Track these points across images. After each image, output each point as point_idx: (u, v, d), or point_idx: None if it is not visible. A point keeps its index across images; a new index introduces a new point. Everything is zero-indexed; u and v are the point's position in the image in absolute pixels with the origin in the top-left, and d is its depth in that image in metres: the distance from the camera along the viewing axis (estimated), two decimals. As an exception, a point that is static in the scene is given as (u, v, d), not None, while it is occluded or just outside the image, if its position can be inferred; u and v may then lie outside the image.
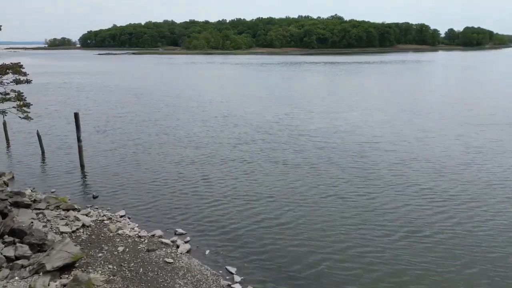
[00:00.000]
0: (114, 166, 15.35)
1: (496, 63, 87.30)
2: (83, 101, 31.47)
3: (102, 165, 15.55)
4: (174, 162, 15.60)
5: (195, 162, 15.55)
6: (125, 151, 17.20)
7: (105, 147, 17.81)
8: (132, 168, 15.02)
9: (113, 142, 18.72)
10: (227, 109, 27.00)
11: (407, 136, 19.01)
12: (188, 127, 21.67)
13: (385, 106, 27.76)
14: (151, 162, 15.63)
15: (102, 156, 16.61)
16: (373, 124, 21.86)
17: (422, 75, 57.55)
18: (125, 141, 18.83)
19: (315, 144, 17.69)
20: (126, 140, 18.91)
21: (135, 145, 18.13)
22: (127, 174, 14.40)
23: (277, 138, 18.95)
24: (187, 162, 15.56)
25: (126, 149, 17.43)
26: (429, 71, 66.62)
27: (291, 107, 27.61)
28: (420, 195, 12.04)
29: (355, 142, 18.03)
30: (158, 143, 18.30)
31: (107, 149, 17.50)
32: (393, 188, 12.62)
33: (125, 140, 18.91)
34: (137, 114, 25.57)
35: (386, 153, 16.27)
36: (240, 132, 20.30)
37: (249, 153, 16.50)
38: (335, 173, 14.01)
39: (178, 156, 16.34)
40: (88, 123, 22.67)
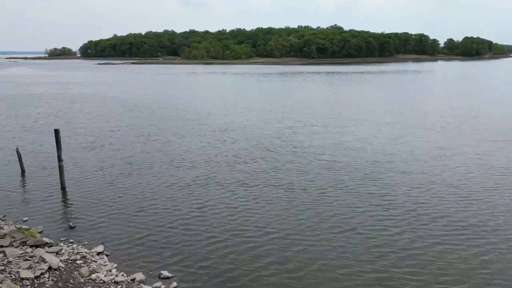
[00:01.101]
0: (98, 189, 13.71)
1: (498, 73, 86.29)
2: (75, 114, 29.98)
3: (85, 188, 13.91)
4: (165, 185, 13.95)
5: (189, 185, 13.90)
6: (113, 171, 15.57)
7: (92, 167, 16.20)
8: (117, 192, 13.37)
9: (102, 160, 17.10)
10: (225, 123, 25.48)
11: (422, 154, 17.40)
12: (183, 143, 20.09)
13: (393, 119, 26.24)
14: (140, 185, 13.99)
15: (87, 177, 14.99)
16: (383, 140, 20.28)
17: (427, 86, 56.27)
18: (114, 159, 17.23)
19: (322, 164, 16.06)
20: (116, 159, 17.30)
21: (125, 164, 16.51)
22: (112, 200, 12.75)
23: (280, 156, 17.34)
24: (179, 185, 13.91)
25: (114, 169, 15.81)
26: (432, 81, 65.42)
27: (293, 121, 26.10)
28: (449, 229, 10.34)
29: (365, 161, 16.41)
30: (149, 162, 16.68)
31: (94, 169, 15.88)
32: (416, 220, 10.93)
33: (115, 159, 17.31)
34: (130, 128, 24.03)
35: (402, 175, 14.63)
36: (239, 149, 18.70)
37: (249, 175, 14.86)
38: (347, 200, 12.34)
39: (170, 178, 14.71)
40: (76, 139, 21.12)
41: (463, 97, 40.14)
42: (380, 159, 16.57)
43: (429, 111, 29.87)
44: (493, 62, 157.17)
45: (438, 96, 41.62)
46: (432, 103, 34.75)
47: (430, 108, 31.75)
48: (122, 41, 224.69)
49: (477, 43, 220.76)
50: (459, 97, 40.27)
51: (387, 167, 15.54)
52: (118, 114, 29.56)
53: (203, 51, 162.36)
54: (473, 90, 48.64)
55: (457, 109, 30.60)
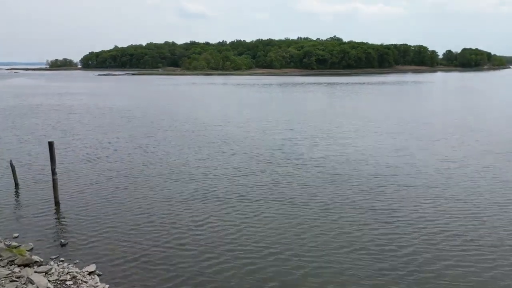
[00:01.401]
0: (93, 204, 13.22)
1: (499, 84, 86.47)
2: (72, 125, 29.62)
3: (80, 203, 13.42)
4: (162, 200, 13.46)
5: (186, 200, 13.41)
6: (109, 185, 15.09)
7: (88, 180, 15.72)
8: (113, 207, 12.87)
9: (99, 173, 16.63)
10: (225, 134, 25.10)
11: (427, 167, 16.94)
12: (182, 155, 19.65)
13: (395, 131, 25.86)
14: (136, 200, 13.50)
15: (83, 191, 14.50)
16: (386, 152, 19.85)
17: (428, 97, 56.19)
18: (111, 172, 16.77)
19: (324, 177, 15.58)
20: (112, 172, 16.84)
21: (122, 177, 16.04)
22: (106, 215, 12.25)
23: (280, 169, 16.88)
24: (177, 200, 13.42)
25: (110, 183, 15.33)
26: (433, 92, 65.39)
27: (294, 132, 25.71)
28: (461, 249, 9.80)
29: (369, 174, 15.94)
30: (146, 176, 16.20)
31: (90, 183, 15.40)
32: (425, 238, 10.42)
33: (111, 172, 16.85)
34: (128, 140, 23.63)
35: (407, 189, 14.15)
36: (238, 161, 18.26)
37: (249, 189, 14.37)
38: (351, 217, 11.83)
39: (168, 192, 14.23)
40: (73, 151, 20.68)
41: (465, 108, 39.85)
42: (384, 172, 16.11)
43: (432, 122, 29.52)
44: (492, 73, 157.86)
45: (440, 107, 41.35)
46: (434, 114, 34.43)
47: (432, 119, 31.42)
48: (123, 52, 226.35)
49: (476, 54, 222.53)
50: (461, 108, 39.98)
51: (391, 180, 15.07)
52: (117, 125, 29.21)
53: (203, 62, 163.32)
54: (475, 101, 48.45)
55: (460, 120, 30.24)
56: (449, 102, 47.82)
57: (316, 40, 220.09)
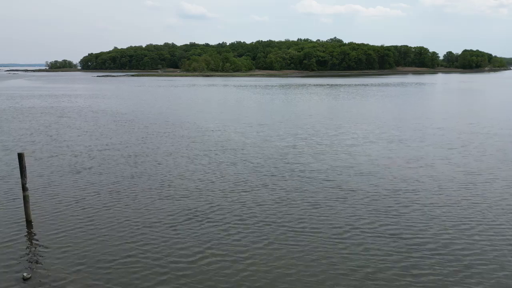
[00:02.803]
0: (73, 226, 11.46)
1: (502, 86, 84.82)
2: (61, 130, 27.86)
3: (57, 223, 11.67)
4: (146, 223, 11.66)
5: (178, 224, 11.61)
6: (94, 202, 13.32)
7: (72, 195, 13.95)
8: (96, 231, 11.10)
9: (84, 188, 14.83)
10: (223, 140, 23.33)
11: (449, 180, 15.14)
12: (176, 165, 17.87)
13: (407, 136, 24.09)
14: (123, 223, 11.71)
15: (63, 209, 12.73)
16: (400, 162, 18.06)
17: (433, 99, 54.44)
18: (98, 186, 14.99)
19: (334, 194, 13.80)
20: (100, 186, 15.06)
21: (109, 193, 14.24)
22: (87, 241, 10.48)
23: (284, 182, 15.11)
24: (166, 223, 11.63)
25: (96, 200, 13.56)
26: (438, 94, 63.65)
27: (297, 138, 23.95)
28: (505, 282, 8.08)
29: (386, 190, 14.16)
30: (134, 192, 14.41)
31: (73, 199, 13.62)
32: (457, 276, 8.67)
33: (99, 186, 15.06)
34: (118, 148, 21.85)
35: (430, 210, 12.36)
36: (237, 173, 16.48)
37: (247, 209, 12.59)
38: (367, 246, 10.04)
39: (158, 213, 12.45)
40: (58, 161, 18.88)
41: (475, 111, 38.03)
42: (401, 188, 14.34)
43: (444, 127, 27.71)
44: (494, 75, 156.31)
45: (449, 110, 39.44)
46: (445, 118, 32.59)
47: (444, 123, 29.58)
48: (122, 54, 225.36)
49: (477, 55, 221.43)
50: (471, 111, 38.14)
51: (410, 198, 13.31)
52: (109, 130, 27.45)
53: (203, 64, 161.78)
54: (483, 103, 46.69)
55: (475, 126, 28.37)
56: (457, 105, 46.03)
57: (316, 41, 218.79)
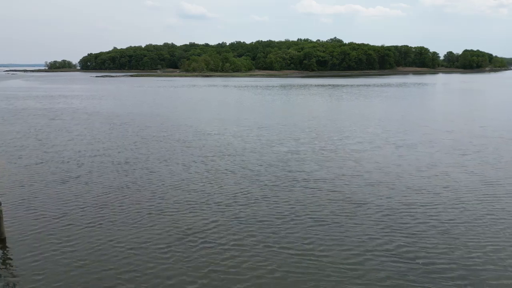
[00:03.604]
0: (49, 247, 10.20)
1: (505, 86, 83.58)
2: (52, 134, 26.58)
3: (32, 243, 10.41)
4: (132, 245, 10.35)
5: (162, 247, 10.27)
6: (80, 218, 12.03)
7: (55, 209, 12.67)
8: (72, 254, 9.82)
9: (68, 201, 13.52)
10: (221, 146, 22.03)
11: (468, 191, 13.80)
12: (170, 175, 16.58)
13: (415, 141, 22.73)
14: (102, 243, 10.41)
15: (41, 225, 11.47)
16: (413, 170, 16.74)
17: (438, 100, 53.17)
18: (85, 199, 13.71)
19: (344, 209, 12.52)
20: (88, 198, 13.78)
21: (97, 208, 12.93)
22: (60, 266, 9.22)
23: (286, 194, 13.84)
24: (152, 244, 10.32)
25: (82, 215, 12.27)
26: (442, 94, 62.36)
27: (299, 143, 22.66)
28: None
29: (399, 203, 12.88)
30: (120, 204, 13.11)
31: (57, 213, 12.34)
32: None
33: (86, 198, 13.77)
34: (110, 154, 20.55)
35: (452, 228, 11.08)
36: (235, 183, 15.20)
37: (246, 228, 11.31)
38: (382, 271, 8.79)
39: (142, 230, 11.15)
40: (44, 169, 17.55)
41: (484, 113, 36.54)
42: (415, 200, 13.07)
43: (454, 131, 26.41)
44: (495, 75, 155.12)
45: (456, 112, 37.98)
46: (453, 121, 31.26)
47: (453, 126, 28.24)
48: (122, 54, 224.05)
49: (477, 56, 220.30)
50: (480, 113, 36.56)
51: (426, 213, 12.03)
52: (102, 134, 26.17)
53: (203, 64, 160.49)
54: (490, 104, 45.34)
55: (487, 129, 26.96)
56: (463, 106, 44.50)
57: (316, 41, 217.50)
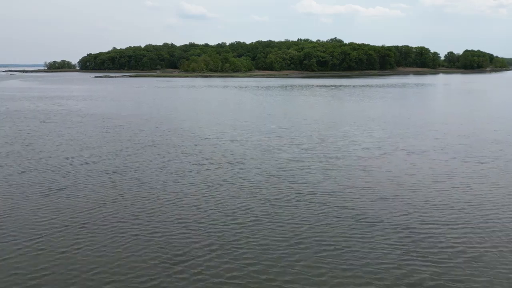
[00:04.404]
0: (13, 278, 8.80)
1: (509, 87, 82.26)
2: (42, 138, 25.16)
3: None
4: (113, 277, 8.92)
5: (146, 280, 8.92)
6: (51, 243, 10.61)
7: (28, 231, 11.22)
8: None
9: (45, 219, 12.09)
10: (218, 152, 20.60)
11: (497, 207, 12.23)
12: (159, 186, 15.15)
13: (428, 147, 21.22)
14: (75, 276, 9.03)
15: (11, 251, 10.06)
16: (429, 181, 15.24)
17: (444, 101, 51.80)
18: (64, 216, 12.29)
19: (355, 229, 11.05)
20: (74, 212, 12.40)
21: (73, 228, 11.58)
22: None
23: (291, 211, 12.40)
24: (134, 277, 8.87)
25: (54, 239, 10.86)
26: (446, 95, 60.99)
27: (302, 149, 21.20)
28: None
29: (419, 221, 11.40)
30: (103, 223, 11.67)
31: (29, 236, 10.91)
32: None
33: (65, 215, 12.36)
34: (99, 160, 19.12)
35: (484, 256, 9.64)
36: (234, 196, 13.77)
37: (248, 255, 9.85)
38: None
39: (124, 258, 9.69)
40: (29, 178, 16.12)
41: (495, 115, 34.79)
42: (437, 219, 11.62)
43: (467, 135, 24.87)
44: (496, 75, 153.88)
45: (465, 114, 35.99)
46: (463, 124, 29.64)
47: (465, 130, 26.59)
48: (121, 54, 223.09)
49: (478, 56, 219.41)
50: (491, 116, 34.77)
51: (453, 235, 10.61)
52: (93, 138, 24.75)
53: (202, 64, 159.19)
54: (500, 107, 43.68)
55: (502, 133, 25.23)
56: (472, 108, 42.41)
57: (316, 41, 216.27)
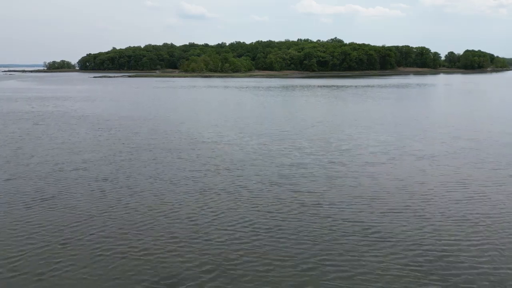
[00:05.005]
0: None
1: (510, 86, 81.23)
2: (32, 142, 24.07)
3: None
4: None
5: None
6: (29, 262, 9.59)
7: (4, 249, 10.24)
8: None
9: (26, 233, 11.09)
10: (216, 157, 19.50)
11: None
12: (151, 197, 14.06)
13: (437, 152, 20.04)
14: None
15: None
16: (442, 190, 14.11)
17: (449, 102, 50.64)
18: (46, 231, 11.24)
19: (372, 250, 9.92)
20: (48, 231, 11.31)
21: (54, 245, 10.50)
22: None
23: (295, 226, 11.30)
24: None
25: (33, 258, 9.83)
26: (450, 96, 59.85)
27: (304, 153, 20.10)
28: None
29: (436, 237, 10.28)
30: (89, 240, 10.59)
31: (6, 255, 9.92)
32: None
33: (46, 231, 11.31)
34: (88, 168, 18.01)
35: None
36: (232, 208, 12.68)
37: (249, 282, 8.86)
38: None
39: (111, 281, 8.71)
40: (16, 186, 15.02)
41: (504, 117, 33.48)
42: (454, 235, 10.49)
43: (477, 138, 23.46)
44: (497, 75, 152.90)
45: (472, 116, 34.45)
46: (470, 126, 28.42)
47: (474, 133, 25.24)
48: (121, 54, 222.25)
49: (479, 56, 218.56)
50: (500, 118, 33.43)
51: (472, 253, 9.50)
52: (86, 142, 23.65)
53: (202, 64, 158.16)
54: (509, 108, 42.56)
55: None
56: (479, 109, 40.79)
57: (316, 41, 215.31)
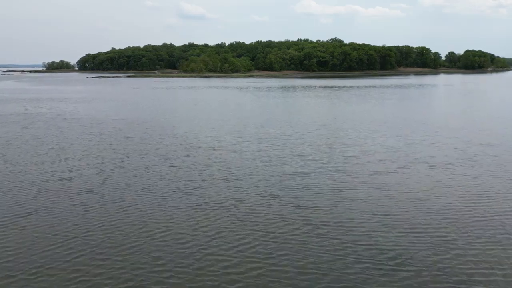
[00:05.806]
0: None
1: None
2: (20, 148, 22.87)
3: None
4: None
5: None
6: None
7: None
8: None
9: (3, 254, 10.01)
10: (212, 164, 18.29)
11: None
12: (138, 211, 12.87)
13: (451, 159, 18.79)
14: None
15: None
16: (461, 204, 12.88)
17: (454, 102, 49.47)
18: (22, 253, 10.10)
19: (390, 281, 8.86)
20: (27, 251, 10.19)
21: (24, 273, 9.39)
22: None
23: (303, 253, 10.06)
24: None
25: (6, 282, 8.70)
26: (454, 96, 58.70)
27: (307, 161, 18.89)
28: None
29: (463, 266, 9.08)
30: (69, 265, 9.45)
31: None
32: None
33: (22, 253, 10.17)
34: (75, 178, 16.80)
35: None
36: (227, 227, 11.48)
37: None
38: None
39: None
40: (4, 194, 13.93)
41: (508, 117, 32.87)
42: (484, 261, 9.28)
43: (492, 144, 22.05)
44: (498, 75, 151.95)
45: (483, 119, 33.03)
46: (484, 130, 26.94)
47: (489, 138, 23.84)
48: (120, 54, 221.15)
49: (479, 56, 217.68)
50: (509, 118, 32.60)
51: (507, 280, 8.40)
52: (75, 147, 22.43)
53: (201, 64, 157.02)
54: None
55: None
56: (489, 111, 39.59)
57: (316, 41, 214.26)
